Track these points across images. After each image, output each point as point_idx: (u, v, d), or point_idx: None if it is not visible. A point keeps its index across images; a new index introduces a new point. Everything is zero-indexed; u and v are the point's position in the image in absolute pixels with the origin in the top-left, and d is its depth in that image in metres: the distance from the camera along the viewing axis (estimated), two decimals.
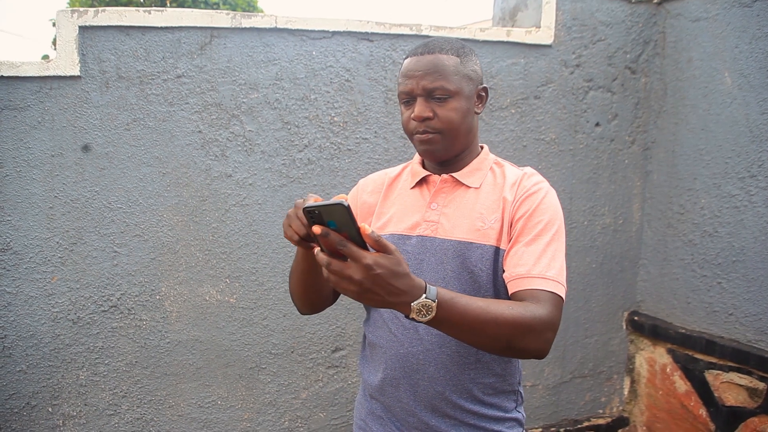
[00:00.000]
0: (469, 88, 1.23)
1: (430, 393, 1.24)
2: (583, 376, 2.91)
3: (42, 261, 2.06)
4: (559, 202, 1.23)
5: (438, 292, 0.97)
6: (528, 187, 1.22)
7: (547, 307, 1.11)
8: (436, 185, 1.29)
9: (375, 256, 0.90)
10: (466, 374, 1.24)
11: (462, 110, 1.21)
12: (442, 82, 1.19)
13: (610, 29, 2.67)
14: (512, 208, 1.21)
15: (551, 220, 1.19)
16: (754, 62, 2.36)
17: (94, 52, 2.04)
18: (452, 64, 1.21)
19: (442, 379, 1.23)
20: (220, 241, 2.26)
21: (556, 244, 1.18)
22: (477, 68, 1.26)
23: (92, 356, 2.15)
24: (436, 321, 0.97)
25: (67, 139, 2.04)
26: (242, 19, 2.18)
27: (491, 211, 1.22)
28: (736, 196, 2.46)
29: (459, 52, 1.23)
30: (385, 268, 0.90)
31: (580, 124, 2.69)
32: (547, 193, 1.22)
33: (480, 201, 1.24)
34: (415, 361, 1.24)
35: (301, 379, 2.43)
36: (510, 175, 1.26)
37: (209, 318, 2.28)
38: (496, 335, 1.04)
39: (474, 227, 1.22)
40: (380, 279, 0.90)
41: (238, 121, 2.24)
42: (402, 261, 0.93)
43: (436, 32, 2.41)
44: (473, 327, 1.01)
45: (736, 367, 2.46)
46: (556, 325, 1.12)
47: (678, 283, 2.72)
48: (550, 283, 1.14)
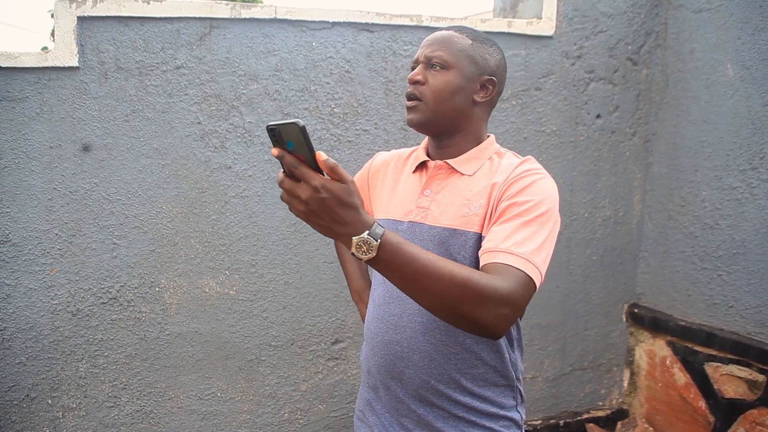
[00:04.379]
0: (470, 69, 1.22)
1: (415, 382, 1.24)
2: (583, 368, 2.91)
3: (41, 253, 2.05)
4: (555, 192, 1.17)
5: (385, 233, 0.94)
6: (520, 172, 1.18)
7: (508, 280, 1.02)
8: (431, 171, 1.29)
9: (324, 180, 0.90)
10: (451, 363, 1.22)
11: (453, 85, 1.21)
12: (441, 52, 1.22)
13: (612, 20, 2.65)
14: (499, 192, 1.16)
15: (538, 203, 1.12)
16: (756, 54, 2.35)
17: (92, 42, 2.03)
18: (460, 42, 1.23)
19: (426, 367, 1.22)
20: (219, 233, 2.25)
21: (538, 227, 1.10)
22: (490, 58, 1.25)
23: (92, 348, 2.15)
24: (378, 263, 0.95)
25: (65, 130, 2.03)
26: (242, 9, 2.17)
27: (479, 197, 1.19)
28: (737, 189, 2.45)
29: (474, 37, 1.25)
30: (332, 193, 0.90)
31: (581, 115, 2.68)
32: (541, 179, 1.16)
33: (469, 188, 1.22)
34: (400, 349, 1.25)
35: (301, 371, 2.43)
36: (506, 163, 1.23)
37: (209, 310, 2.28)
38: (441, 294, 0.97)
39: (459, 214, 1.20)
40: (326, 204, 0.90)
41: (238, 112, 2.23)
42: (354, 193, 0.92)
43: (436, 23, 2.39)
44: (417, 278, 0.96)
45: (735, 359, 2.46)
46: (517, 304, 1.03)
47: (678, 275, 2.72)
48: (518, 260, 1.05)
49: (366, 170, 1.49)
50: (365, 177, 1.48)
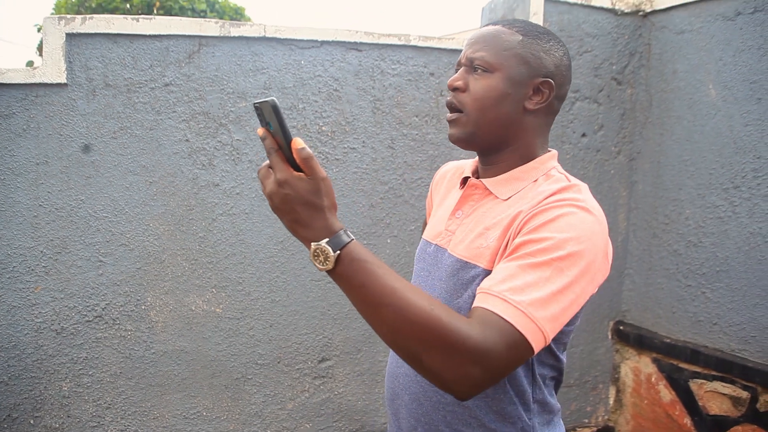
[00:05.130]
0: (519, 71, 1.01)
1: (406, 425, 1.11)
2: (569, 385, 2.91)
3: (25, 270, 2.03)
4: (595, 233, 0.92)
5: (349, 245, 0.83)
6: (551, 201, 0.94)
7: (487, 333, 0.81)
8: (465, 190, 1.12)
9: (289, 175, 0.82)
10: (439, 414, 1.05)
11: (497, 91, 1.01)
12: (484, 52, 1.02)
13: (597, 41, 2.69)
14: (519, 224, 0.95)
15: (560, 242, 0.88)
16: (737, 75, 2.39)
17: (81, 59, 2.02)
18: (507, 39, 1.03)
19: (414, 412, 1.08)
20: (206, 250, 2.25)
21: (553, 273, 0.87)
22: (546, 57, 1.03)
23: (76, 367, 2.13)
24: (335, 277, 0.83)
25: (52, 147, 2.02)
26: (231, 27, 2.18)
27: (498, 226, 1.00)
28: (720, 207, 2.48)
29: (527, 32, 1.04)
30: (295, 190, 0.82)
31: (566, 134, 2.71)
32: (573, 214, 0.91)
33: (496, 214, 1.03)
34: (397, 384, 1.13)
35: (288, 389, 2.42)
36: (544, 189, 1.00)
37: (195, 328, 2.26)
38: (399, 329, 0.81)
39: (474, 245, 1.02)
40: (287, 200, 0.82)
41: (226, 130, 2.23)
42: (321, 192, 0.83)
43: (424, 42, 2.42)
44: (374, 305, 0.82)
45: (720, 376, 2.48)
46: (492, 365, 0.81)
47: (663, 292, 2.75)
48: (510, 309, 0.83)
49: (432, 182, 1.33)
50: (430, 190, 1.32)
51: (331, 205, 0.85)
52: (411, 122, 2.47)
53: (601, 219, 0.95)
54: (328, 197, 0.84)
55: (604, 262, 0.96)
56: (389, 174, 2.47)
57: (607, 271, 0.99)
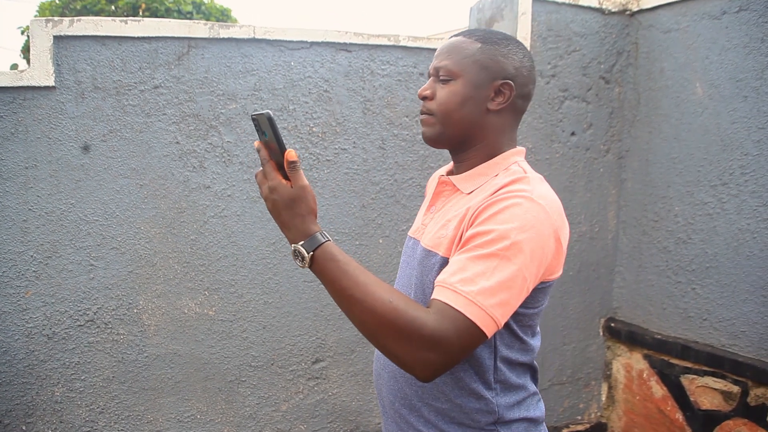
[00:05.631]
0: (479, 76, 1.10)
1: (386, 401, 1.21)
2: (562, 383, 2.93)
3: (15, 275, 2.02)
4: (540, 221, 0.99)
5: (323, 246, 0.97)
6: (499, 194, 1.03)
7: (441, 321, 0.91)
8: (437, 187, 1.23)
9: (277, 183, 0.98)
10: (412, 390, 1.14)
11: (460, 95, 1.10)
12: (447, 61, 1.12)
13: (585, 40, 2.71)
14: (471, 216, 1.03)
15: (504, 233, 0.96)
16: (724, 73, 2.42)
17: (69, 62, 2.01)
18: (467, 48, 1.12)
19: (392, 388, 1.18)
20: (198, 253, 2.24)
21: (499, 263, 0.94)
22: (504, 61, 1.11)
23: (68, 372, 2.11)
24: (313, 272, 0.98)
25: (41, 150, 2.01)
26: (220, 29, 2.17)
27: (456, 218, 1.08)
28: (709, 204, 2.51)
29: (485, 40, 1.12)
30: (281, 197, 0.97)
31: (555, 133, 2.73)
32: (518, 204, 0.99)
33: (458, 207, 1.11)
34: (379, 365, 1.24)
35: (282, 391, 2.41)
36: (498, 181, 1.08)
37: (188, 331, 2.25)
38: (362, 318, 0.94)
39: (437, 235, 1.11)
40: (275, 205, 0.98)
41: (216, 132, 2.22)
42: (301, 200, 0.97)
43: (413, 43, 2.43)
44: (340, 297, 0.96)
45: (710, 371, 2.50)
46: (447, 350, 0.91)
47: (653, 289, 2.77)
48: (460, 299, 0.92)
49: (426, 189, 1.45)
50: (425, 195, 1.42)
51: (308, 211, 0.99)
52: (401, 122, 2.48)
53: (548, 207, 1.01)
54: (305, 204, 0.98)
55: (555, 247, 1.03)
56: (380, 174, 2.47)
57: (561, 254, 1.06)
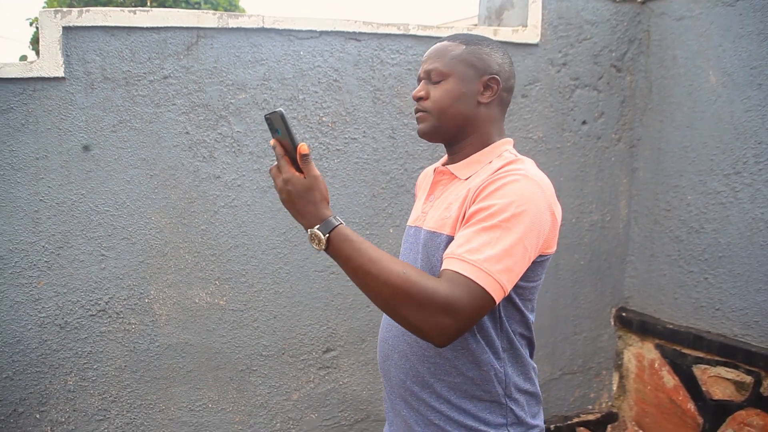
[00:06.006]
0: (468, 73, 1.21)
1: (396, 381, 1.26)
2: (573, 372, 2.92)
3: (28, 265, 2.03)
4: (535, 195, 1.08)
5: (337, 229, 1.04)
6: (497, 173, 1.12)
7: (452, 288, 0.99)
8: (434, 177, 1.32)
9: (291, 174, 1.05)
10: (425, 367, 1.20)
11: (453, 92, 1.20)
12: (436, 64, 1.22)
13: (596, 28, 2.68)
14: (472, 196, 1.12)
15: (504, 206, 1.05)
16: (737, 60, 2.39)
17: (78, 53, 2.01)
18: (453, 50, 1.23)
19: (403, 367, 1.23)
20: (209, 243, 2.24)
21: (502, 233, 1.03)
22: (488, 59, 1.22)
23: (80, 361, 2.13)
24: (329, 254, 1.05)
25: (52, 141, 2.01)
26: (229, 19, 2.16)
27: (458, 200, 1.17)
28: (722, 193, 2.48)
29: (468, 41, 1.23)
30: (295, 187, 1.05)
31: (567, 122, 2.70)
32: (514, 181, 1.08)
33: (457, 192, 1.20)
34: (387, 347, 1.28)
35: (293, 380, 2.42)
36: (494, 165, 1.18)
37: (199, 321, 2.26)
38: (378, 290, 1.01)
39: (441, 217, 1.19)
40: (290, 196, 1.05)
41: (226, 122, 2.22)
42: (314, 189, 1.05)
43: (423, 32, 2.41)
44: (359, 273, 1.02)
45: (723, 361, 2.49)
46: (461, 315, 0.99)
47: (665, 279, 2.75)
48: (469, 267, 1.00)
49: (415, 186, 1.55)
50: (415, 193, 1.53)
51: (321, 199, 1.06)
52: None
53: (542, 184, 1.11)
54: (318, 192, 1.06)
55: (551, 220, 1.11)
56: (390, 164, 2.46)
57: (556, 228, 1.14)
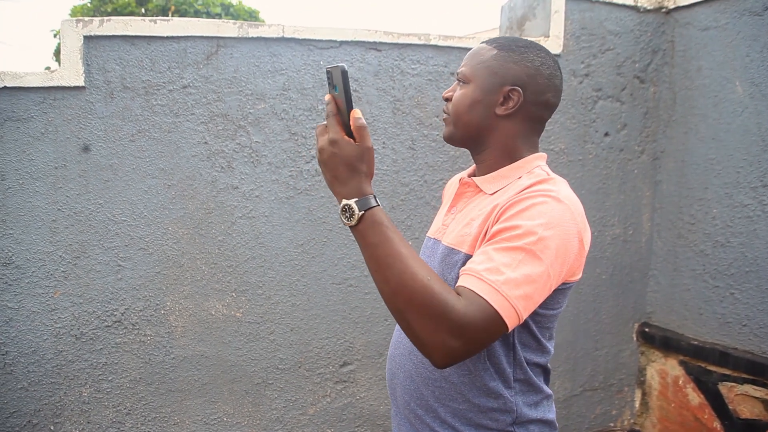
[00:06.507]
0: (489, 81, 1.13)
1: (401, 402, 1.20)
2: (594, 389, 2.86)
3: (44, 275, 2.01)
4: (566, 219, 1.00)
5: (374, 210, 0.96)
6: (526, 192, 1.04)
7: (468, 308, 0.90)
8: (459, 188, 1.25)
9: (340, 137, 0.97)
10: (429, 390, 1.14)
11: (470, 98, 1.14)
12: (465, 67, 1.17)
13: (619, 38, 2.64)
14: (497, 213, 1.04)
15: (531, 228, 0.96)
16: (765, 71, 2.34)
17: (98, 62, 2.01)
18: (484, 54, 1.16)
19: (408, 388, 1.18)
20: (226, 254, 2.22)
21: (525, 256, 0.95)
22: (515, 68, 1.13)
23: (95, 373, 2.10)
24: (356, 232, 0.96)
25: (70, 150, 2.00)
26: (249, 28, 2.15)
27: (480, 216, 1.09)
28: (749, 206, 2.43)
29: (503, 46, 1.15)
30: (343, 151, 0.96)
31: (589, 134, 2.66)
32: (543, 203, 1.00)
33: (481, 207, 1.12)
34: (394, 365, 1.23)
35: (309, 394, 2.38)
36: (522, 183, 1.09)
37: (215, 333, 2.23)
38: (395, 288, 0.92)
39: (461, 233, 1.12)
40: (334, 158, 0.97)
41: (245, 132, 2.20)
42: (363, 159, 0.97)
43: (444, 42, 2.38)
44: (382, 263, 0.93)
45: (750, 379, 2.42)
46: (471, 339, 0.91)
47: (689, 293, 2.69)
48: (485, 287, 0.92)
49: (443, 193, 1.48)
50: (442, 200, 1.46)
51: (368, 172, 0.98)
52: (431, 123, 2.44)
53: (573, 208, 1.02)
54: (368, 165, 0.98)
55: (579, 247, 1.03)
56: (410, 175, 2.43)
57: (583, 256, 1.06)
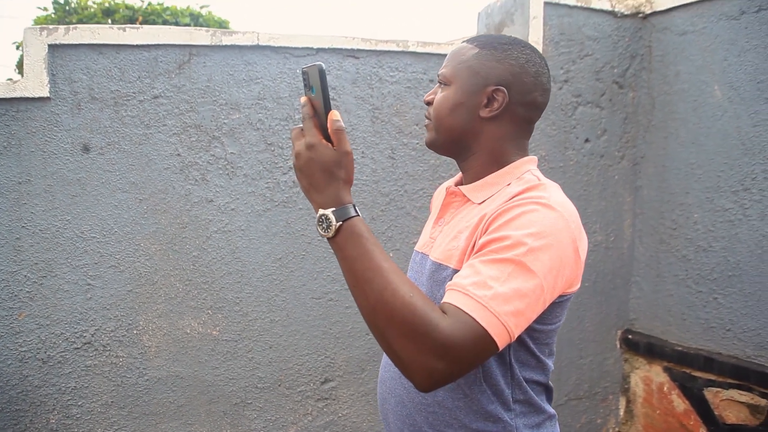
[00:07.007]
0: (471, 82, 1.06)
1: (394, 428, 1.13)
2: (579, 398, 2.83)
3: (8, 296, 1.91)
4: (558, 227, 0.93)
5: (353, 220, 0.89)
6: (514, 200, 0.97)
7: (455, 327, 0.83)
8: (445, 198, 1.18)
9: (317, 141, 0.91)
10: (421, 416, 1.06)
11: (451, 101, 1.07)
12: (446, 69, 1.11)
13: (597, 44, 2.63)
14: (485, 224, 0.97)
15: (520, 240, 0.89)
16: (743, 75, 2.34)
17: (64, 72, 1.91)
18: (464, 54, 1.09)
19: (399, 414, 1.10)
20: (201, 270, 2.13)
21: (515, 269, 0.88)
22: (498, 67, 1.06)
23: (64, 398, 2.00)
24: (334, 244, 0.90)
25: (35, 165, 1.90)
26: (222, 36, 2.08)
27: (468, 228, 1.02)
28: (730, 210, 2.42)
29: (484, 45, 1.08)
30: (320, 156, 0.90)
31: (569, 140, 2.64)
32: (534, 211, 0.93)
33: (469, 217, 1.05)
34: (385, 389, 1.16)
35: (289, 413, 2.30)
36: (511, 190, 1.03)
37: (191, 352, 2.14)
38: (373, 307, 0.85)
39: (448, 248, 1.05)
40: (310, 163, 0.91)
41: (219, 143, 2.13)
42: (341, 165, 0.91)
43: (423, 48, 2.34)
44: (357, 279, 0.87)
45: (736, 383, 2.41)
46: (457, 359, 0.83)
47: (672, 299, 2.67)
48: (472, 303, 0.85)
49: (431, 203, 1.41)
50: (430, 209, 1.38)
51: (347, 179, 0.92)
52: (411, 131, 2.39)
53: (566, 215, 0.95)
54: (346, 171, 0.91)
55: (574, 257, 0.96)
56: (390, 185, 2.37)
57: (579, 266, 0.99)
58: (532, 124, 1.13)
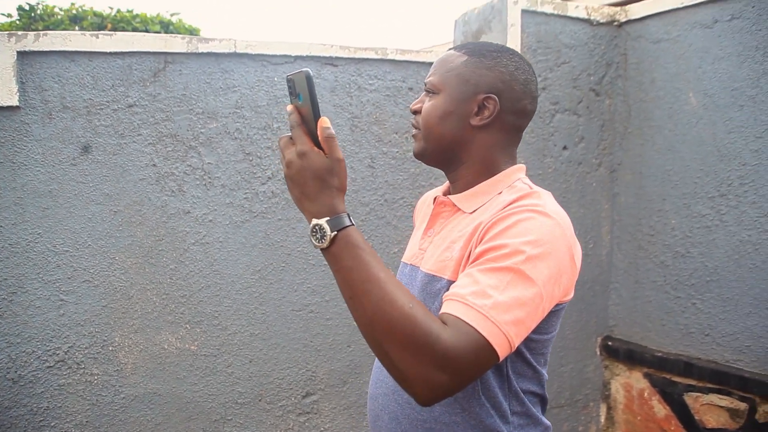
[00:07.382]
0: (460, 90, 1.05)
1: None
2: (560, 405, 2.82)
3: None
4: (556, 235, 0.93)
5: (348, 230, 0.86)
6: (510, 208, 0.96)
7: (455, 338, 0.81)
8: (434, 208, 1.16)
9: (308, 148, 0.88)
10: None
11: (440, 110, 1.06)
12: (433, 76, 1.09)
13: (574, 51, 2.65)
14: (480, 234, 0.96)
15: (517, 248, 0.88)
16: (717, 82, 2.37)
17: (34, 79, 1.85)
18: (452, 61, 1.08)
19: (394, 430, 1.07)
20: (178, 283, 2.08)
21: (513, 277, 0.87)
22: (488, 74, 1.05)
23: (36, 419, 1.92)
24: (328, 255, 0.87)
25: (4, 176, 1.83)
26: (198, 43, 2.04)
27: (462, 238, 1.01)
28: (707, 216, 2.45)
29: (473, 52, 1.07)
30: (311, 164, 0.88)
31: (548, 148, 2.65)
32: (531, 218, 0.92)
33: (461, 227, 1.04)
34: (377, 406, 1.13)
35: (270, 428, 2.25)
36: (504, 198, 1.02)
37: (168, 368, 2.08)
38: (371, 319, 0.82)
39: (441, 258, 1.04)
40: (302, 172, 0.88)
41: (196, 152, 2.08)
42: (334, 173, 0.88)
43: (401, 56, 2.33)
44: (354, 291, 0.84)
45: (716, 388, 2.42)
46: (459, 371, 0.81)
47: (651, 305, 2.69)
48: (472, 313, 0.83)
49: (414, 211, 1.39)
50: (413, 219, 1.37)
51: (340, 187, 0.89)
52: (391, 139, 2.36)
53: (562, 223, 0.95)
54: (339, 179, 0.89)
55: (570, 265, 0.95)
56: (370, 194, 2.35)
57: (575, 274, 0.98)
58: (521, 132, 1.12)
